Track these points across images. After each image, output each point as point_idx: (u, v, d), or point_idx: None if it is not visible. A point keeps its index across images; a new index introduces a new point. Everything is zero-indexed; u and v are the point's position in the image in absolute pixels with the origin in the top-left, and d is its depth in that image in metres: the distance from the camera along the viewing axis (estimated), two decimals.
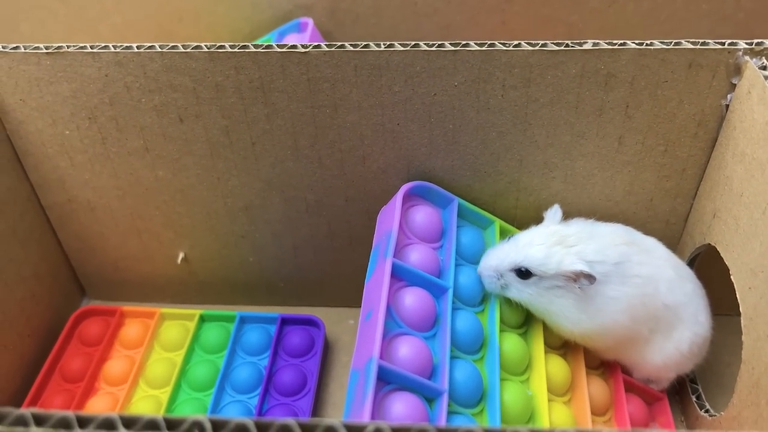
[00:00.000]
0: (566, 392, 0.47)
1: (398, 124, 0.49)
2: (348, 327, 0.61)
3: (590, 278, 0.43)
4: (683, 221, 0.53)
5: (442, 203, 0.51)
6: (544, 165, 0.51)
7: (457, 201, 0.50)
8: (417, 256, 0.45)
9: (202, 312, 0.59)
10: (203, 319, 0.59)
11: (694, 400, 0.52)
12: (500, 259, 0.45)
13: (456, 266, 0.47)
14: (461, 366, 0.41)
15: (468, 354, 0.43)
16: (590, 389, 0.48)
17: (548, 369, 0.46)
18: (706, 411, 0.50)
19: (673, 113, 0.47)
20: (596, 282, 0.43)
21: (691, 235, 0.52)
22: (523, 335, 0.47)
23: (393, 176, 0.52)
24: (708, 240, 0.49)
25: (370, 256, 0.47)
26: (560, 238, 0.45)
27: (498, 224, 0.52)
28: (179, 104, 0.49)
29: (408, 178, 0.52)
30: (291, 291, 0.62)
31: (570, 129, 0.49)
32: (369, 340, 0.38)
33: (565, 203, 0.50)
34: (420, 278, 0.44)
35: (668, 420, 0.52)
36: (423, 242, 0.47)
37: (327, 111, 0.49)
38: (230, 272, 0.61)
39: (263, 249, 0.59)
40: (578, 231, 0.45)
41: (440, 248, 0.48)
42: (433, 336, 0.42)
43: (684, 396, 0.53)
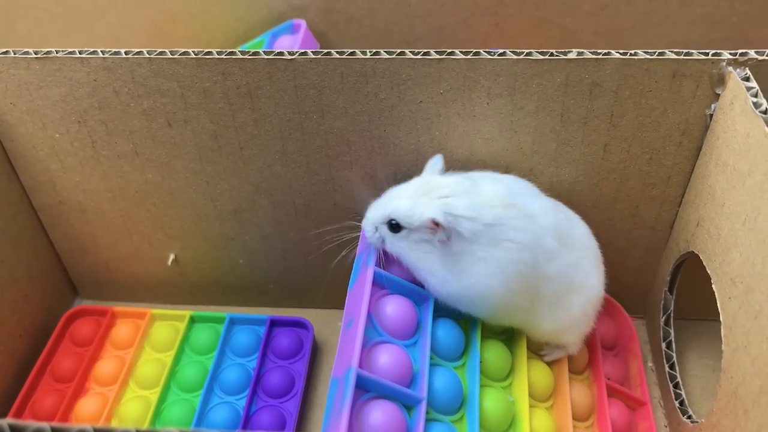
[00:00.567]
0: (548, 398, 0.48)
1: (385, 131, 0.50)
2: (337, 329, 0.61)
3: (448, 231, 0.41)
4: (669, 228, 0.54)
5: None
6: (530, 172, 0.51)
7: None
8: (399, 267, 0.46)
9: (192, 313, 0.60)
10: (193, 320, 0.60)
11: (677, 406, 0.52)
12: (374, 212, 0.44)
13: None
14: (441, 373, 0.41)
15: (449, 361, 0.43)
16: (573, 394, 0.48)
17: (530, 374, 0.47)
18: (689, 417, 0.51)
19: (658, 122, 0.47)
20: (465, 241, 0.41)
21: (677, 242, 0.52)
22: (506, 341, 0.48)
23: (381, 182, 0.53)
24: (692, 248, 0.49)
25: (353, 265, 0.47)
26: (429, 189, 0.43)
27: None
28: (168, 109, 0.50)
29: (395, 184, 0.53)
30: (280, 293, 0.62)
31: (555, 137, 0.49)
32: (349, 349, 0.39)
33: None
34: (402, 286, 0.44)
35: (651, 425, 0.52)
36: None
37: (314, 117, 0.49)
38: (220, 274, 0.61)
39: (253, 251, 0.59)
40: (454, 184, 0.43)
41: None
42: (414, 344, 0.43)
43: (668, 402, 0.54)
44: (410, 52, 0.46)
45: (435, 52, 0.46)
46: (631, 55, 0.44)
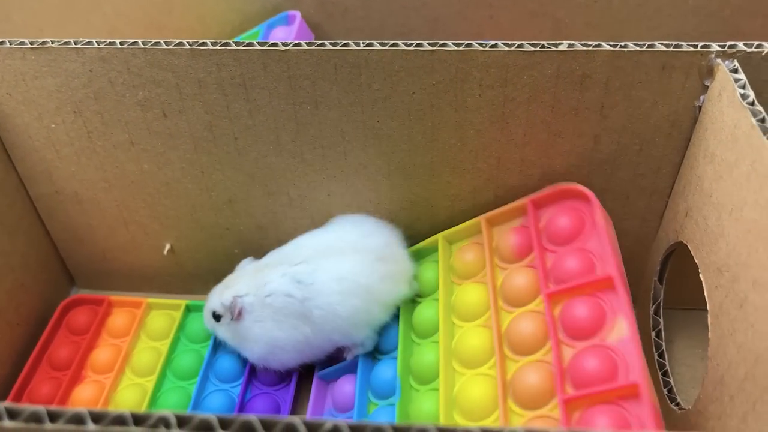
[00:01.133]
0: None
1: (378, 121, 0.50)
2: None
3: (234, 314, 0.51)
4: (659, 218, 0.54)
5: None
6: (522, 162, 0.51)
7: None
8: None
9: (188, 302, 0.60)
10: (189, 309, 0.60)
11: (666, 394, 0.53)
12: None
13: None
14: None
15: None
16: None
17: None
18: (677, 404, 0.51)
19: (648, 113, 0.48)
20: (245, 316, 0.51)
21: (666, 233, 0.53)
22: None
23: (374, 172, 0.53)
24: (681, 238, 0.50)
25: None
26: (227, 281, 0.54)
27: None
28: (163, 99, 0.50)
29: (389, 174, 0.53)
30: None
31: (547, 128, 0.49)
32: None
33: None
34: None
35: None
36: None
37: (308, 107, 0.50)
38: (216, 263, 0.62)
39: (248, 241, 0.60)
40: (240, 271, 0.55)
41: None
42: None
43: (657, 389, 0.55)
44: (403, 44, 0.46)
45: (428, 44, 0.46)
46: (621, 47, 0.45)
